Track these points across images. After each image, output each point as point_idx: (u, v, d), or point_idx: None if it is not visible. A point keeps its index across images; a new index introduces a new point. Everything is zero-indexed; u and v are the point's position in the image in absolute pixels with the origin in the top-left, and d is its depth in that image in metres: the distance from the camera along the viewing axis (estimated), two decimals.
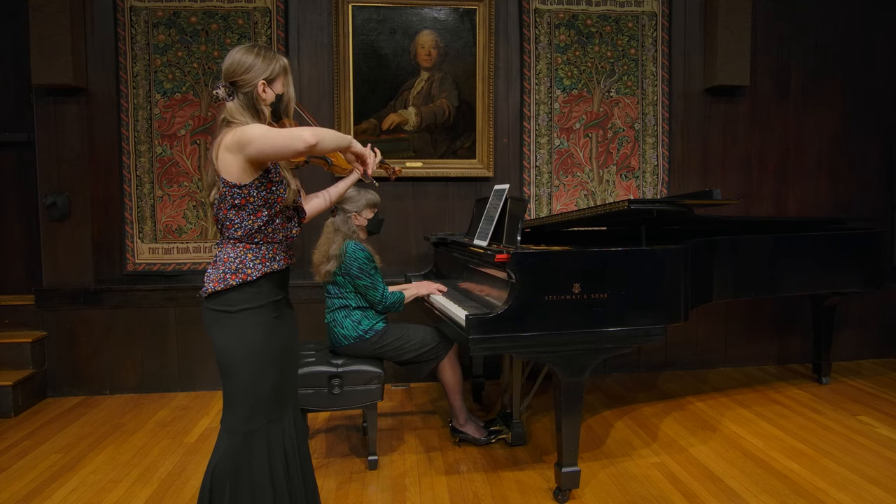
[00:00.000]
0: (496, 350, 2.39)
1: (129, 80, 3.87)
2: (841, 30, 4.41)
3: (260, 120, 1.89)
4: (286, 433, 1.93)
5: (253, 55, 1.87)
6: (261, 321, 1.87)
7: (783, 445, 3.06)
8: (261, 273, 1.86)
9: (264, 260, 1.88)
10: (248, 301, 1.85)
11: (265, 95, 1.89)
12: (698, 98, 4.31)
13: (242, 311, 1.85)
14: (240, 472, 1.83)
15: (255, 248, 1.87)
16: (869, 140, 4.50)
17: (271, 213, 1.87)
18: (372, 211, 3.05)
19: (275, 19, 3.93)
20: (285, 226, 1.94)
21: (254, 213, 1.85)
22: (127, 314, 3.92)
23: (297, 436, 1.98)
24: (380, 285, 2.90)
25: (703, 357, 4.43)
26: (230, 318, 1.85)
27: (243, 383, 1.85)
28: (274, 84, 1.91)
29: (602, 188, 4.27)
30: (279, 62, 1.91)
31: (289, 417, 1.95)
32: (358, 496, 2.60)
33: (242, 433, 1.84)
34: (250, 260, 1.86)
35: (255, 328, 1.86)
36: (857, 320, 4.54)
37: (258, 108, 1.89)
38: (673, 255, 2.59)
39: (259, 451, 1.85)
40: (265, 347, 1.86)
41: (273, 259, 1.90)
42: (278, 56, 1.93)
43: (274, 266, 1.89)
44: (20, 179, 4.04)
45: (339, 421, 3.48)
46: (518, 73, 4.14)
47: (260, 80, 1.86)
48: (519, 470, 2.83)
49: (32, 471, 2.85)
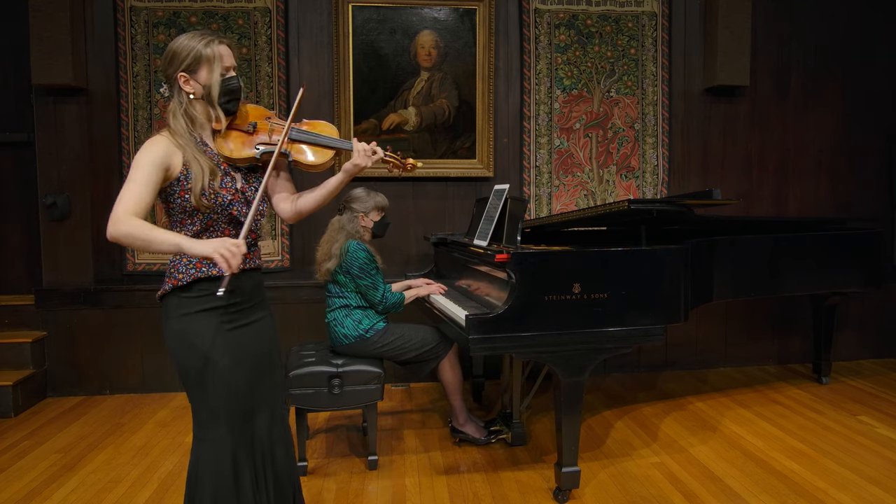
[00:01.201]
0: (496, 350, 2.39)
1: (129, 80, 3.87)
2: (841, 30, 4.41)
3: (193, 127, 1.72)
4: (255, 440, 1.79)
5: (185, 39, 1.68)
6: (203, 329, 1.71)
7: (783, 445, 3.06)
8: (192, 278, 1.70)
9: (199, 264, 1.70)
10: (185, 307, 1.71)
11: (189, 88, 1.69)
12: (698, 98, 4.31)
13: (181, 316, 1.71)
14: (202, 480, 1.73)
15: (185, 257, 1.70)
16: (869, 140, 4.50)
17: (195, 220, 1.70)
18: (379, 214, 3.04)
19: (275, 19, 3.93)
20: (227, 232, 1.74)
21: (179, 222, 1.72)
22: (127, 314, 3.92)
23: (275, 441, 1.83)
24: (380, 286, 2.90)
25: (703, 357, 4.43)
26: (171, 324, 1.73)
27: (194, 390, 1.74)
28: (198, 73, 1.69)
29: (602, 188, 4.27)
30: (199, 47, 1.67)
31: (261, 427, 1.80)
32: (358, 496, 2.60)
33: (205, 440, 1.74)
34: (183, 264, 1.71)
35: (197, 335, 1.71)
36: (857, 320, 4.54)
37: (186, 109, 1.70)
38: (673, 255, 2.59)
39: (223, 460, 1.72)
40: (208, 359, 1.70)
41: (211, 264, 1.69)
42: (206, 38, 1.69)
43: (213, 271, 1.70)
44: (20, 179, 4.04)
45: (339, 421, 3.48)
46: (518, 73, 4.14)
47: (178, 73, 1.68)
48: (519, 470, 2.83)
49: (32, 471, 2.85)
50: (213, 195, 1.69)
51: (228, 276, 1.54)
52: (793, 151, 4.43)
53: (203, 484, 1.73)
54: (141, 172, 1.61)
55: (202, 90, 1.70)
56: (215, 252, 1.51)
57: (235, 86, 1.74)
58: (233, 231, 1.74)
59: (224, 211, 1.72)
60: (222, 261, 1.51)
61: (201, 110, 1.73)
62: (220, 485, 1.72)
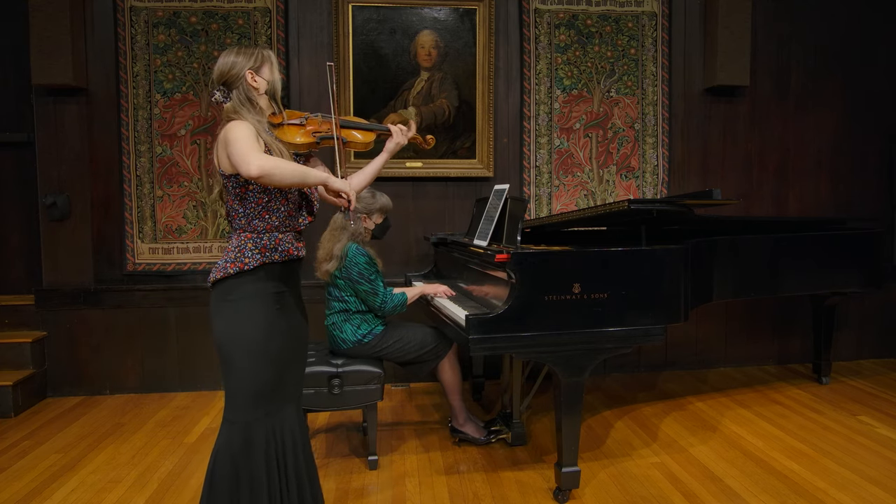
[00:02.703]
0: (496, 350, 2.39)
1: (129, 80, 3.87)
2: (841, 30, 4.41)
3: (256, 113, 1.92)
4: (286, 429, 1.91)
5: (234, 54, 1.93)
6: (259, 312, 1.86)
7: (783, 445, 3.06)
8: (258, 262, 1.85)
9: (264, 250, 1.87)
10: (247, 290, 1.85)
11: (255, 84, 1.93)
12: (698, 98, 4.31)
13: (240, 300, 1.85)
14: (235, 462, 1.84)
15: (255, 238, 1.87)
16: (869, 140, 4.50)
17: (271, 197, 1.87)
18: (382, 216, 3.03)
19: (275, 19, 3.93)
20: (291, 214, 1.93)
21: (255, 200, 1.86)
22: (127, 314, 3.92)
23: (300, 434, 1.96)
24: (380, 290, 2.88)
25: (703, 357, 4.43)
26: (228, 307, 1.85)
27: (239, 373, 1.85)
28: (261, 71, 1.95)
29: (602, 188, 4.27)
30: (260, 51, 1.96)
31: (291, 414, 1.94)
32: (358, 496, 2.60)
33: (239, 423, 1.85)
34: (249, 249, 1.86)
35: (253, 319, 1.85)
36: (857, 320, 4.54)
37: (253, 101, 1.92)
38: (673, 255, 2.59)
39: (257, 443, 1.85)
40: (262, 339, 1.86)
41: (274, 249, 1.88)
42: (259, 47, 1.99)
43: (274, 256, 1.88)
44: (20, 179, 4.04)
45: (339, 421, 3.48)
46: (518, 73, 4.14)
47: (246, 70, 1.91)
48: (519, 470, 2.83)
49: (32, 471, 2.85)
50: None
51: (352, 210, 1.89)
52: (793, 151, 4.43)
53: (238, 465, 1.84)
54: (246, 136, 1.76)
55: (266, 86, 1.95)
56: (350, 188, 1.86)
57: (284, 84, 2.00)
58: (294, 213, 1.95)
59: (294, 191, 1.93)
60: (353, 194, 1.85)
61: (265, 104, 1.97)
62: (253, 468, 1.84)
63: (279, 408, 1.91)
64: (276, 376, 1.89)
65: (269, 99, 1.97)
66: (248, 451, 1.84)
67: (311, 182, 1.80)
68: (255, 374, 1.85)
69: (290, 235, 1.94)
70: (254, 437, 1.85)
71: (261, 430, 1.86)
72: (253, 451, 1.84)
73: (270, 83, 1.96)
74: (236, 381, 1.85)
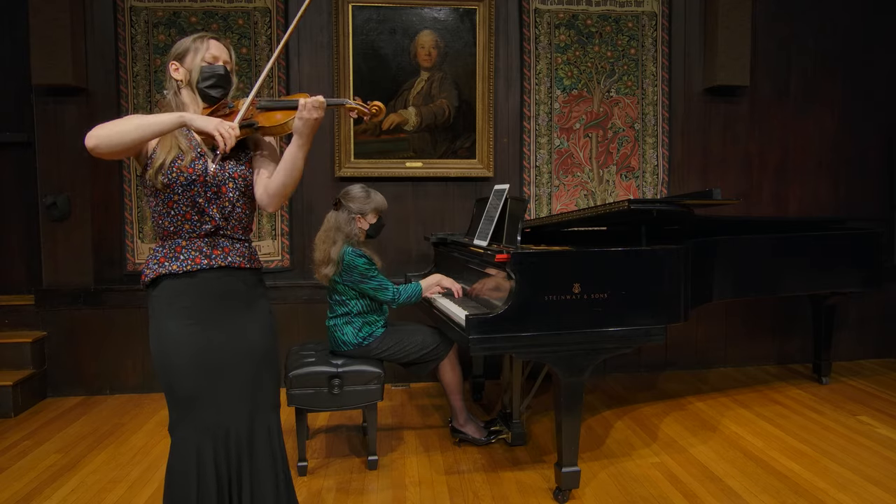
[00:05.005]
0: (496, 350, 2.39)
1: (129, 80, 3.87)
2: (841, 30, 4.41)
3: (184, 110, 1.75)
4: (225, 451, 1.71)
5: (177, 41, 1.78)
6: (167, 328, 1.68)
7: (783, 445, 3.06)
8: (155, 274, 1.68)
9: (162, 260, 1.68)
10: (153, 304, 1.71)
11: (176, 75, 1.77)
12: (698, 98, 4.31)
13: (152, 314, 1.71)
14: (171, 473, 1.72)
15: (158, 248, 1.71)
16: (869, 140, 4.50)
17: (157, 200, 1.69)
18: (376, 216, 2.98)
19: (275, 19, 3.93)
20: (188, 217, 1.69)
21: (148, 202, 1.73)
22: (127, 314, 3.92)
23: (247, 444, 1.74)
24: (388, 284, 2.86)
25: (703, 357, 4.43)
26: (149, 317, 1.73)
27: (162, 384, 1.71)
28: (184, 60, 1.77)
29: (602, 188, 4.27)
30: (191, 39, 1.78)
31: (234, 436, 1.72)
32: (358, 496, 2.60)
33: (175, 437, 1.71)
34: (152, 260, 1.71)
35: (162, 334, 1.68)
36: (857, 320, 4.54)
37: (176, 98, 1.77)
38: (673, 255, 2.59)
39: (187, 459, 1.68)
40: (173, 355, 1.67)
41: (173, 258, 1.68)
42: (200, 34, 1.81)
43: (172, 267, 1.67)
44: (20, 179, 4.03)
45: (339, 421, 3.48)
46: (518, 73, 4.14)
47: (170, 62, 1.76)
48: (519, 470, 2.83)
49: (32, 471, 2.85)
50: (176, 173, 1.66)
51: (221, 153, 1.62)
52: (793, 151, 4.43)
53: (170, 483, 1.72)
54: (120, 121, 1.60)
55: (187, 75, 1.78)
56: (215, 129, 1.58)
57: (217, 72, 1.79)
58: (195, 217, 1.70)
59: (185, 192, 1.68)
60: (220, 138, 1.58)
61: (187, 96, 1.80)
62: (182, 483, 1.68)
63: (209, 427, 1.69)
64: (198, 394, 1.68)
65: (191, 91, 1.78)
66: (180, 464, 1.69)
67: (157, 129, 1.56)
68: (174, 389, 1.69)
69: (197, 243, 1.70)
70: (184, 451, 1.69)
71: (190, 446, 1.68)
72: (184, 464, 1.69)
73: (189, 71, 1.77)
74: (166, 397, 1.72)
